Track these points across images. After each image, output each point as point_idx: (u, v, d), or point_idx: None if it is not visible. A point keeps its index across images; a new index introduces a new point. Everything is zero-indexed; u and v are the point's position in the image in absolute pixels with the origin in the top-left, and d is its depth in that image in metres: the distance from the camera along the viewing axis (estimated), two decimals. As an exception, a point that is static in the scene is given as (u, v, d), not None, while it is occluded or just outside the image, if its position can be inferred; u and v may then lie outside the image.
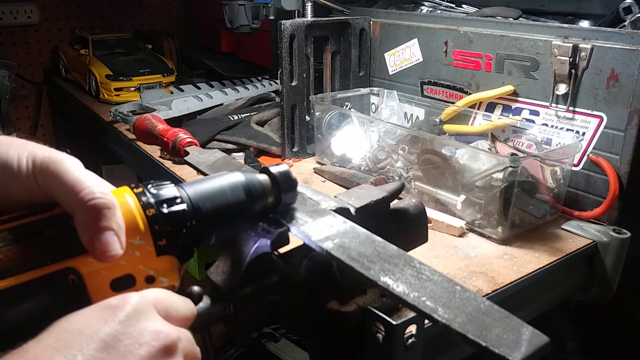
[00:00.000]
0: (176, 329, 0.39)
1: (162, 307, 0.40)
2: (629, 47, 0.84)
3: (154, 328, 0.37)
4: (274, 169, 0.49)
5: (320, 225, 0.48)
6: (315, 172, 1.14)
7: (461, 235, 0.87)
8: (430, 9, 1.31)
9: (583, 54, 0.89)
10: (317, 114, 1.15)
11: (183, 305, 0.42)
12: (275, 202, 0.49)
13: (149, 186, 0.43)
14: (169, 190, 0.43)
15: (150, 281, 0.42)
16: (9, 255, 0.37)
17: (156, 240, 0.41)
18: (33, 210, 0.40)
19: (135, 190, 0.42)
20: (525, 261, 0.79)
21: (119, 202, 0.40)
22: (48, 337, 0.34)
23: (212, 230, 0.45)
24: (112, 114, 1.40)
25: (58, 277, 0.38)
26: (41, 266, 0.37)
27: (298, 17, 1.32)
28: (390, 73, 1.25)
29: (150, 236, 0.41)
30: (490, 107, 1.06)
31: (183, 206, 0.43)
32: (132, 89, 1.66)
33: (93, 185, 0.39)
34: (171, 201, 0.42)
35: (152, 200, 0.42)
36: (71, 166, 0.39)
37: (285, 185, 0.49)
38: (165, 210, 0.42)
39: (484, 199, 0.87)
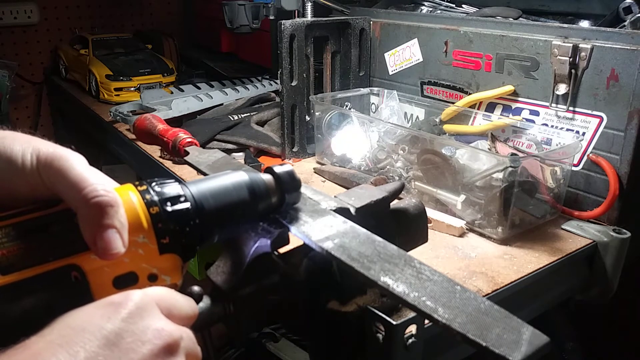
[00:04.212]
0: (178, 327, 0.39)
1: (164, 305, 0.40)
2: (629, 47, 0.84)
3: (157, 326, 0.37)
4: (278, 169, 0.49)
5: (320, 225, 0.48)
6: (315, 172, 1.14)
7: (461, 235, 0.87)
8: (430, 9, 1.31)
9: (583, 54, 0.89)
10: (317, 114, 1.15)
11: (185, 304, 0.42)
12: (278, 202, 0.49)
13: (153, 184, 0.43)
14: (173, 188, 0.43)
15: (153, 279, 0.41)
16: (12, 250, 0.37)
17: (159, 238, 0.41)
18: (37, 206, 0.40)
19: (139, 187, 0.42)
20: (525, 261, 0.79)
21: (123, 199, 0.40)
22: (51, 332, 0.34)
23: (216, 229, 0.45)
24: (112, 114, 1.40)
25: (61, 274, 0.38)
26: (44, 262, 0.37)
27: (298, 17, 1.32)
28: (390, 73, 1.25)
29: (154, 234, 0.41)
30: (490, 107, 1.06)
31: (187, 205, 0.43)
32: (132, 89, 1.66)
33: (96, 182, 0.39)
34: (175, 199, 0.42)
35: (156, 198, 0.42)
36: (75, 163, 0.39)
37: (289, 185, 0.49)
38: (169, 209, 0.42)
39: (484, 199, 0.87)
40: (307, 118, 1.20)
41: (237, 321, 0.48)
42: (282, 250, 0.50)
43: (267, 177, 0.49)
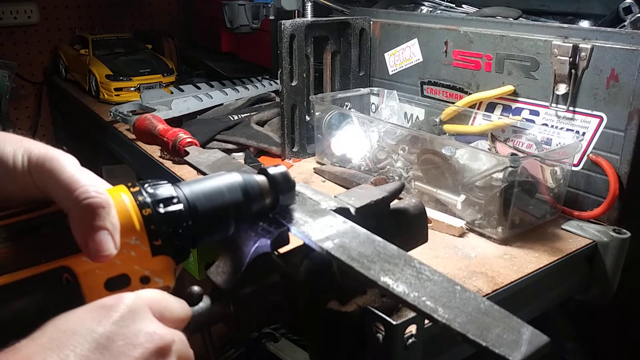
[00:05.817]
0: (170, 330, 0.39)
1: (157, 308, 0.39)
2: (629, 47, 0.84)
3: (149, 329, 0.37)
4: (271, 170, 0.49)
5: (320, 225, 0.48)
6: (315, 172, 1.14)
7: (461, 235, 0.87)
8: (430, 9, 1.31)
9: (583, 54, 0.89)
10: (317, 114, 1.15)
11: (178, 306, 0.42)
12: (272, 203, 0.49)
13: (146, 185, 0.42)
14: (165, 189, 0.43)
15: (145, 281, 0.41)
16: (3, 252, 0.37)
17: (152, 240, 0.41)
18: (28, 207, 0.40)
19: (131, 189, 0.42)
20: (525, 261, 0.79)
21: (115, 201, 0.40)
22: (41, 336, 0.34)
23: (209, 231, 0.45)
24: (112, 114, 1.40)
25: (52, 276, 0.38)
26: (35, 264, 0.37)
27: (298, 17, 1.32)
28: (390, 73, 1.25)
29: (146, 236, 0.41)
30: (490, 107, 1.06)
31: (180, 206, 0.42)
32: (132, 89, 1.66)
33: (88, 183, 0.38)
34: (168, 201, 0.42)
35: (148, 199, 0.41)
36: (67, 164, 0.39)
37: (283, 186, 0.49)
38: (161, 210, 0.41)
39: (484, 199, 0.87)
40: (307, 118, 1.20)
41: (237, 321, 0.48)
42: (282, 250, 0.50)
43: (261, 178, 0.49)
